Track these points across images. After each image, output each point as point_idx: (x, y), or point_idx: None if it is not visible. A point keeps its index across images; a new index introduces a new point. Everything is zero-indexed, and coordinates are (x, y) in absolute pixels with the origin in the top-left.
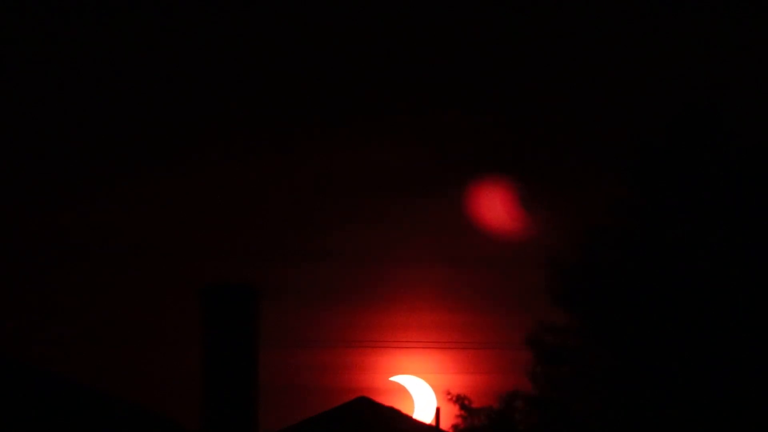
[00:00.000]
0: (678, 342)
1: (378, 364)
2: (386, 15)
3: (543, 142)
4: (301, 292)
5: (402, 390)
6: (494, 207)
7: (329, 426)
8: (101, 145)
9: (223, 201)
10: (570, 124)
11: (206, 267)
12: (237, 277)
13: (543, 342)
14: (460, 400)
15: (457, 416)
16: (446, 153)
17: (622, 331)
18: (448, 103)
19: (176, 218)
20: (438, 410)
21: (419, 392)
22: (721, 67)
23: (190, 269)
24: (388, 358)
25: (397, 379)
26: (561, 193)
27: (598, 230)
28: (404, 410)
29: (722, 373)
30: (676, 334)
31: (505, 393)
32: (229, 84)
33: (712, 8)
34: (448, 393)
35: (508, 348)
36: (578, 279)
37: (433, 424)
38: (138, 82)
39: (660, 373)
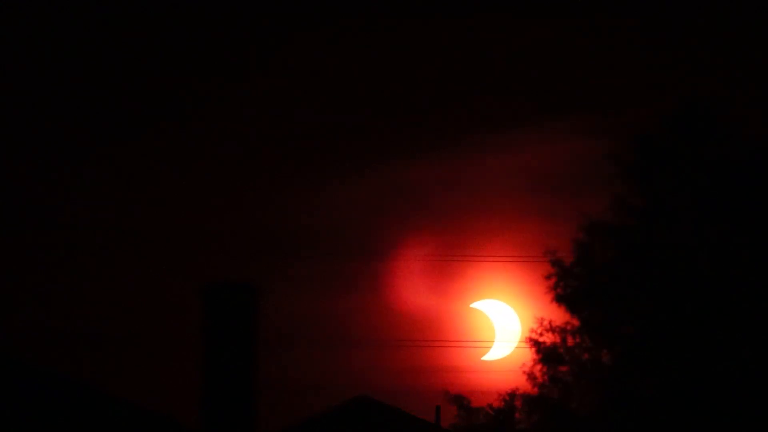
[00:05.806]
0: (678, 341)
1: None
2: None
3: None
4: (300, 290)
5: (482, 318)
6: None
7: (329, 426)
8: (101, 146)
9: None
10: (570, 123)
11: (212, 265)
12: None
13: (542, 341)
14: (458, 400)
15: (456, 416)
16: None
17: (622, 331)
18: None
19: (178, 218)
20: (438, 408)
21: (502, 319)
22: (721, 67)
23: (190, 268)
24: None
25: (478, 305)
26: (561, 192)
27: (597, 229)
28: (486, 337)
29: (722, 372)
30: (675, 333)
31: (505, 392)
32: (230, 82)
33: (713, 8)
34: (447, 392)
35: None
36: (578, 278)
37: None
38: (138, 82)
39: (660, 373)
